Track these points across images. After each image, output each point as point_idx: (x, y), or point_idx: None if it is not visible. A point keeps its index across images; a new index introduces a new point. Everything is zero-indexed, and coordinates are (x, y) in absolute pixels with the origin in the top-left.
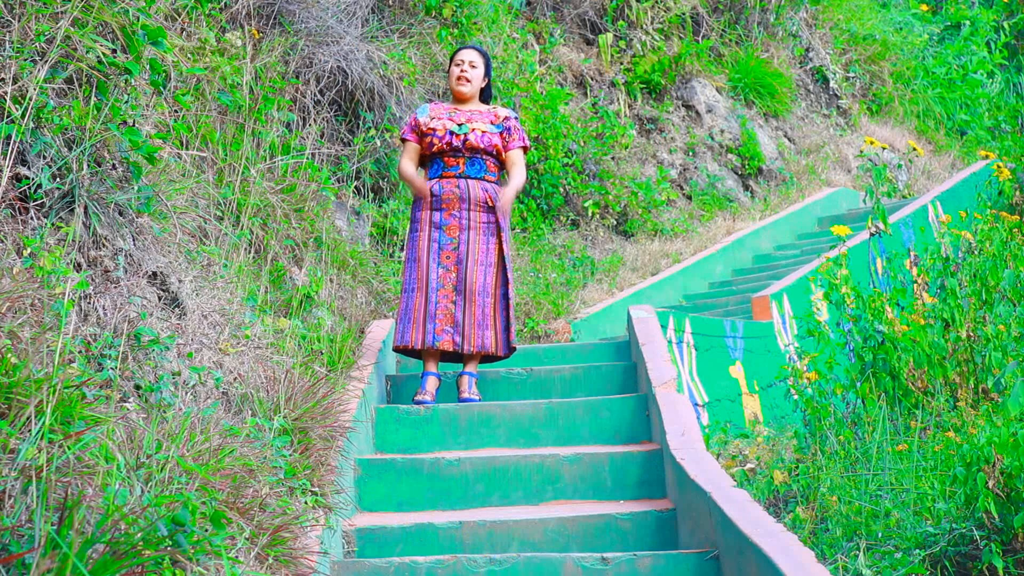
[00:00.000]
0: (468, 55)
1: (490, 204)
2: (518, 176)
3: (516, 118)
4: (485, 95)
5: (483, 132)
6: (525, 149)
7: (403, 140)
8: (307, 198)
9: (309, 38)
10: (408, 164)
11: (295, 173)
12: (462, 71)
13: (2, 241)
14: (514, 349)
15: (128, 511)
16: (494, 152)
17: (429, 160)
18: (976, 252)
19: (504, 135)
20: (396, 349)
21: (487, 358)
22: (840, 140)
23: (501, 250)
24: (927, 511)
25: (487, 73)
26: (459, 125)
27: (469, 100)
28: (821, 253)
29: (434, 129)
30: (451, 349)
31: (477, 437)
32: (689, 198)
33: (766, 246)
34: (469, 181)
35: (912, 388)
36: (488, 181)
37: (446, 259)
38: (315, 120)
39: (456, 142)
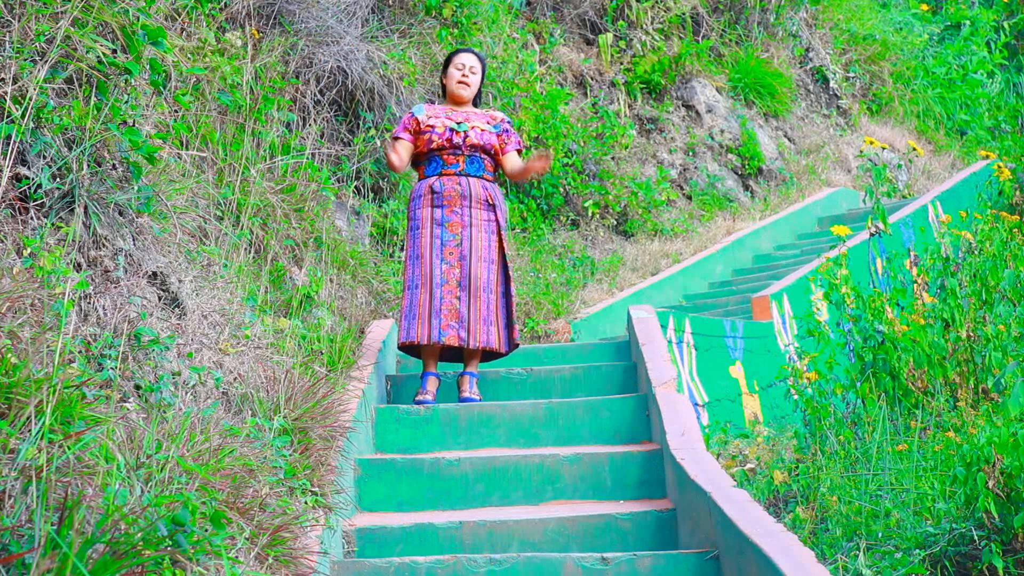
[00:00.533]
0: (469, 59)
1: (491, 202)
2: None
3: (510, 122)
4: (476, 99)
5: (482, 130)
6: (519, 152)
7: (395, 139)
8: (307, 198)
9: (309, 38)
10: (394, 157)
11: (295, 173)
12: (464, 74)
13: (2, 241)
14: (517, 345)
15: (128, 511)
16: (492, 151)
17: (426, 158)
18: (976, 252)
19: (502, 137)
20: (401, 347)
21: (488, 355)
22: (840, 140)
23: (502, 247)
24: (927, 511)
25: (483, 79)
26: (458, 123)
27: (465, 103)
28: (821, 253)
29: (432, 127)
30: (456, 344)
31: (477, 437)
32: (689, 198)
33: (766, 246)
34: (470, 179)
35: (912, 388)
36: (486, 180)
37: (449, 255)
38: (315, 120)
39: (457, 139)
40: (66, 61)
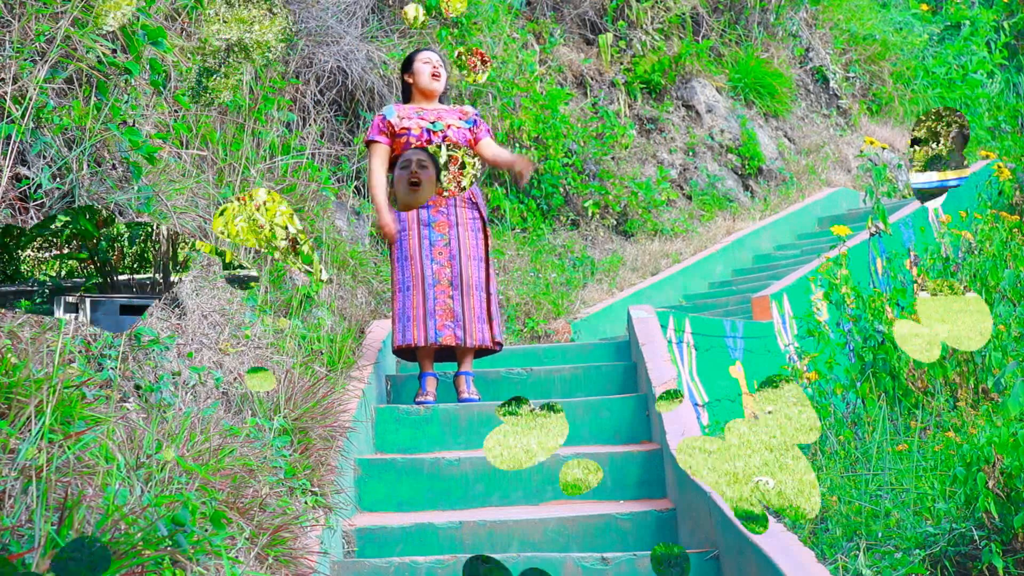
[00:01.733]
0: (434, 56)
1: (474, 200)
2: (504, 151)
3: (478, 112)
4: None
5: (458, 128)
6: (492, 137)
7: (370, 143)
8: (307, 198)
9: (309, 38)
10: (380, 176)
11: (295, 173)
12: (435, 67)
13: None
14: (501, 344)
15: (128, 511)
16: (469, 147)
17: None
18: (976, 252)
19: (473, 129)
20: (396, 350)
21: (479, 352)
22: (840, 140)
23: (487, 245)
24: (927, 511)
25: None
26: (432, 123)
27: (434, 99)
28: (821, 253)
29: (408, 129)
30: (454, 344)
31: (477, 437)
32: (689, 198)
33: (766, 246)
34: None
35: (912, 388)
36: None
37: (439, 255)
38: (315, 120)
39: (436, 139)
40: (66, 61)
